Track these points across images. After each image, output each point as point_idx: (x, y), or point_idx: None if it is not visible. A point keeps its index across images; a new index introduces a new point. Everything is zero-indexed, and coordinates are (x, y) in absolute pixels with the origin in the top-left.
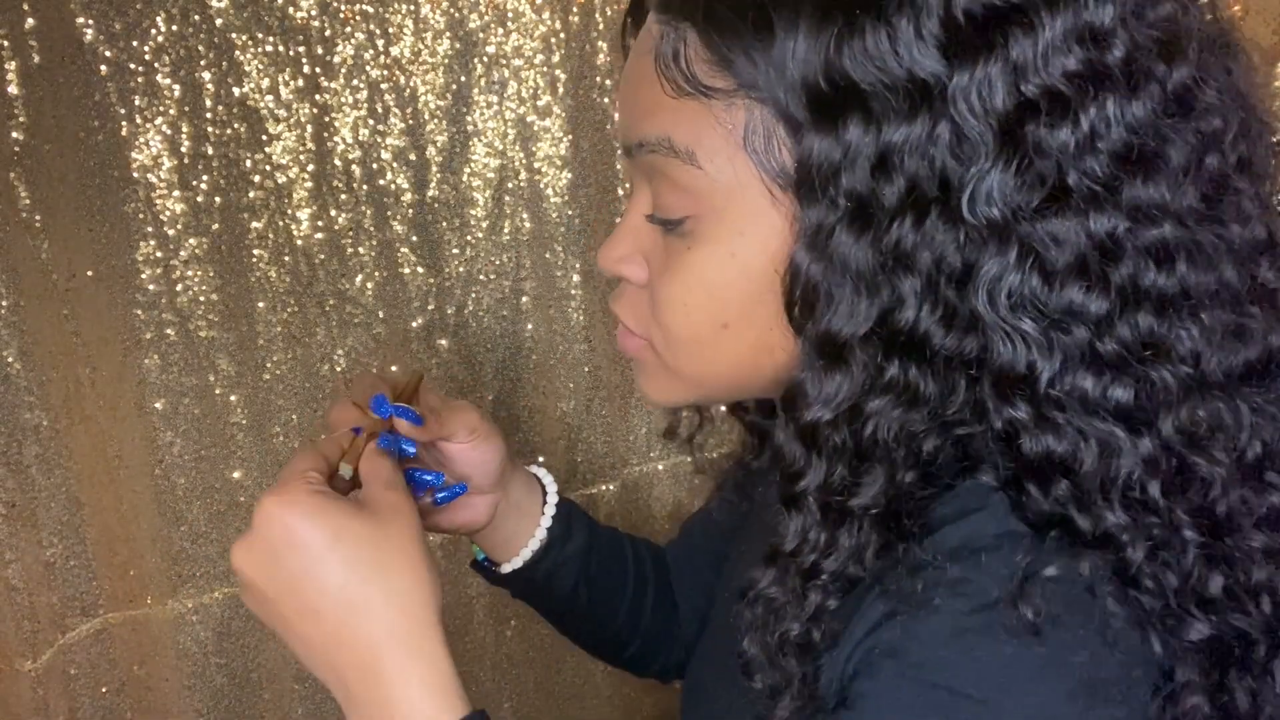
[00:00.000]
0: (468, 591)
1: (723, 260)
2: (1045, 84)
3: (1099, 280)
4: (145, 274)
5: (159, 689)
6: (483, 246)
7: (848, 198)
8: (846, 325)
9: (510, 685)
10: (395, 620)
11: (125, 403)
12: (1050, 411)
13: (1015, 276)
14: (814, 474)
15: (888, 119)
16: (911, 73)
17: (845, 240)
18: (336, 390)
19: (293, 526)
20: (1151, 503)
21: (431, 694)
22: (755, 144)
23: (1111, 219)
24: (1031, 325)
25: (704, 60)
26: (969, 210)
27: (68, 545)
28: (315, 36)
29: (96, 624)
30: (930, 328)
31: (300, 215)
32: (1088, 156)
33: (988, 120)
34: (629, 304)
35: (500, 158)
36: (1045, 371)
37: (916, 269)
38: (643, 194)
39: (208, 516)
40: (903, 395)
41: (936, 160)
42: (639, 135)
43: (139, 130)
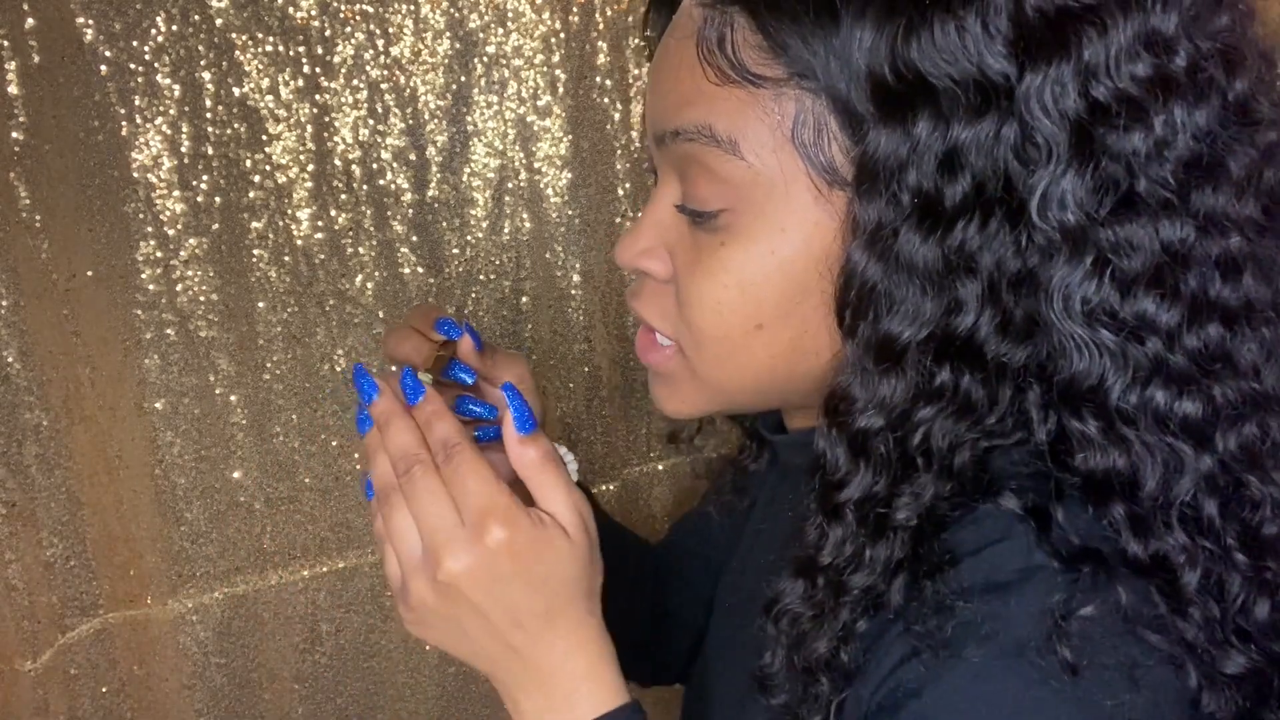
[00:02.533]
0: None
1: (761, 257)
2: (1117, 87)
3: (1171, 290)
4: (145, 274)
5: (159, 689)
6: (483, 246)
7: (914, 195)
8: (908, 328)
9: None
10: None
11: (125, 403)
12: (1120, 426)
13: (1091, 284)
14: (859, 483)
15: (956, 116)
16: (981, 70)
17: (910, 239)
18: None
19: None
20: (1207, 523)
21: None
22: (804, 136)
23: (1182, 227)
24: (1108, 335)
25: (754, 47)
26: (1039, 214)
27: (68, 545)
28: (315, 36)
29: (96, 624)
30: (988, 334)
31: (300, 215)
32: (1157, 162)
33: (1061, 122)
34: (651, 300)
35: (500, 158)
36: (1117, 384)
37: (978, 273)
38: (669, 185)
39: (208, 516)
40: (952, 403)
41: (1001, 161)
42: (676, 123)
43: (139, 130)
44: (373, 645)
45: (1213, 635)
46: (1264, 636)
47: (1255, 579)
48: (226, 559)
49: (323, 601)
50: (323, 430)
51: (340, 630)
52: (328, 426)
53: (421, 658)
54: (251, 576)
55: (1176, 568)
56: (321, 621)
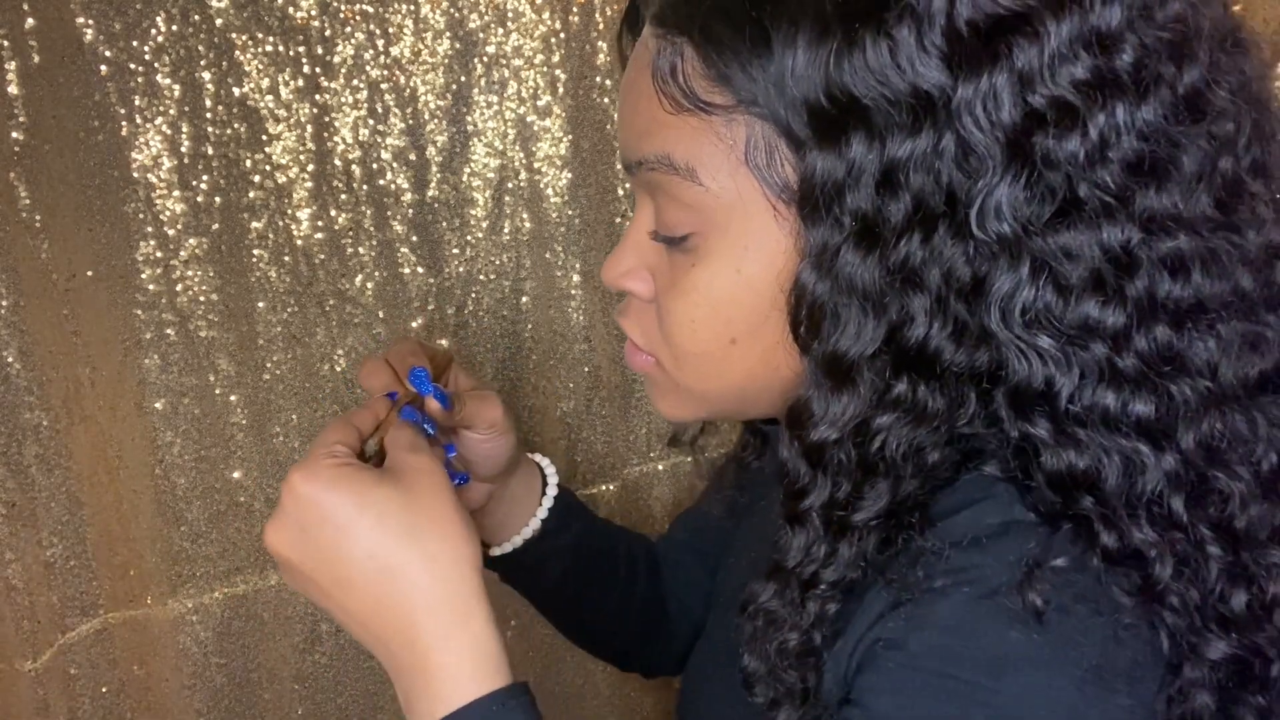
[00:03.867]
0: None
1: (729, 277)
2: (1052, 94)
3: (1115, 293)
4: (145, 274)
5: (159, 689)
6: (483, 246)
7: (853, 217)
8: (854, 346)
9: None
10: (431, 586)
11: (125, 403)
12: (1071, 428)
13: (1029, 292)
14: (819, 492)
15: (891, 134)
16: (915, 85)
17: (852, 260)
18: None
19: (317, 499)
20: (1176, 518)
21: (471, 663)
22: (758, 160)
23: (1125, 230)
24: (1048, 342)
25: (702, 76)
26: (978, 225)
27: (68, 545)
28: (315, 36)
29: (96, 624)
30: (940, 344)
31: (300, 215)
32: (1098, 167)
33: (994, 133)
34: (635, 319)
35: (500, 158)
36: (1065, 388)
37: (925, 286)
38: (645, 209)
39: (208, 516)
40: (910, 412)
41: (943, 174)
42: (639, 153)
43: (139, 130)
44: None
45: (1193, 623)
46: (1243, 625)
47: (1230, 570)
48: (226, 559)
49: None
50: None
51: (340, 630)
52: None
53: None
54: (251, 576)
55: (1149, 562)
56: (321, 621)
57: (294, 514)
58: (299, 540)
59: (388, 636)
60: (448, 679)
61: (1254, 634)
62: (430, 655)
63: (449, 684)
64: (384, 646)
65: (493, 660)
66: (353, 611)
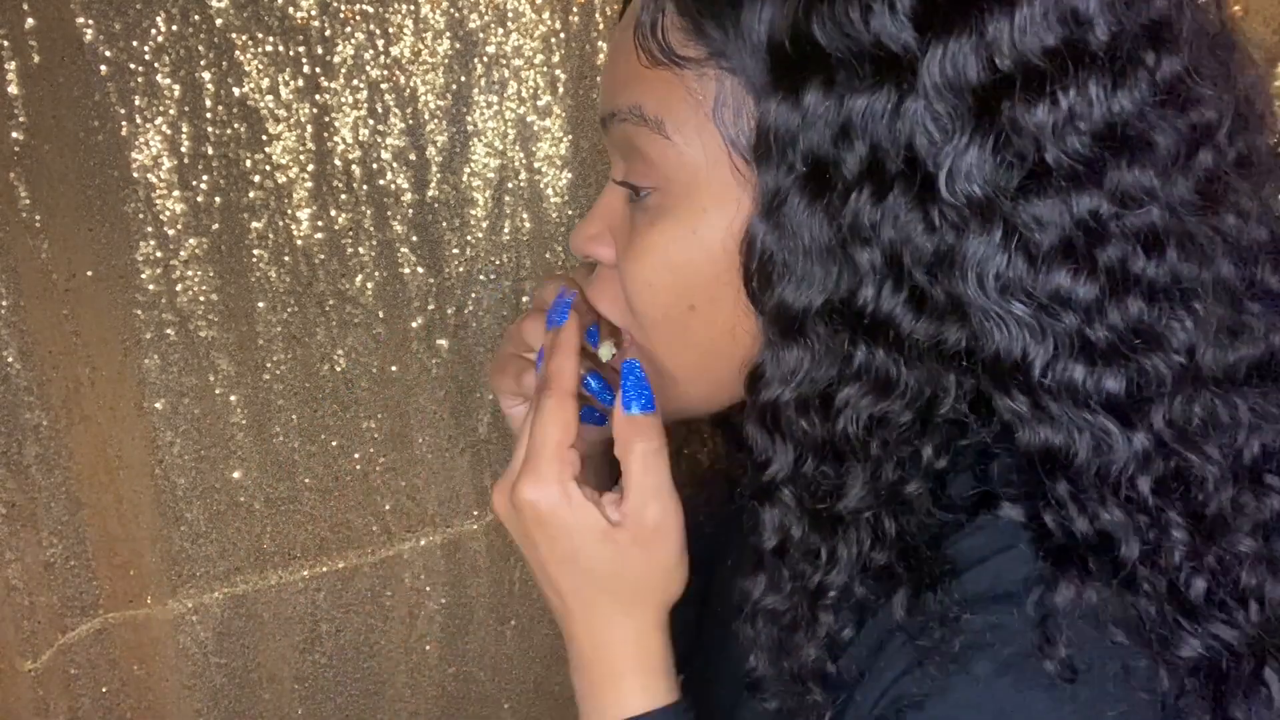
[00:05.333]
0: (468, 592)
1: (685, 238)
2: (1021, 59)
3: (1086, 263)
4: (145, 274)
5: (159, 689)
6: (483, 246)
7: (804, 161)
8: (800, 296)
9: (510, 685)
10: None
11: (125, 403)
12: (1045, 401)
13: (1001, 258)
14: (781, 460)
15: (851, 87)
16: (880, 41)
17: (798, 206)
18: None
19: (559, 516)
20: (1141, 500)
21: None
22: (724, 116)
23: (1094, 199)
24: (1022, 309)
25: (679, 29)
26: (948, 189)
27: (68, 545)
28: (315, 36)
29: (96, 624)
30: (895, 309)
31: (300, 215)
32: (1068, 135)
33: (961, 95)
34: (603, 290)
35: (500, 158)
36: (1039, 359)
37: (876, 245)
38: (617, 170)
39: (208, 516)
40: (872, 383)
41: (903, 135)
42: (613, 105)
43: (139, 130)
44: (373, 645)
45: (1161, 612)
46: (1206, 616)
47: (1193, 556)
48: (226, 559)
49: (322, 601)
50: (323, 430)
51: (340, 630)
52: (328, 426)
53: (421, 657)
54: (251, 576)
55: (1116, 543)
56: (321, 621)
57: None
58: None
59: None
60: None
61: (1219, 626)
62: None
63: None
64: (569, 631)
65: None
66: (562, 595)
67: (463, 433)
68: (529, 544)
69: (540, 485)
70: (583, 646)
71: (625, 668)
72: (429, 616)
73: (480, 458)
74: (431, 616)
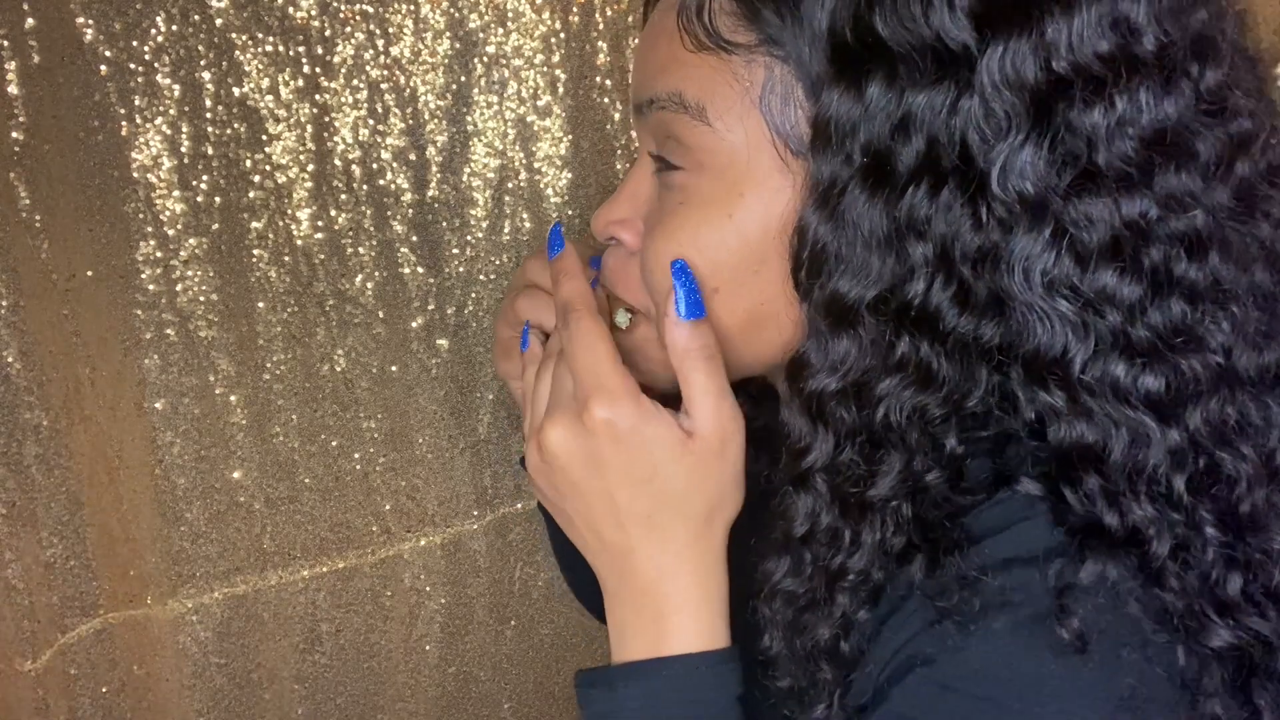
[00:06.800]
0: (467, 592)
1: (718, 221)
2: (1078, 62)
3: (1132, 264)
4: (145, 274)
5: (159, 689)
6: (483, 246)
7: (864, 153)
8: (855, 287)
9: (510, 685)
10: (695, 580)
11: (125, 403)
12: (1084, 398)
13: (1049, 256)
14: (820, 449)
15: (913, 82)
16: (941, 38)
17: (858, 198)
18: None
19: (639, 431)
20: (1175, 497)
21: (701, 620)
22: (771, 104)
23: (1143, 202)
24: (1067, 306)
25: (729, 14)
26: (999, 186)
27: (68, 545)
28: (315, 36)
29: (96, 624)
30: (942, 304)
31: (300, 215)
32: (1119, 139)
33: (1019, 94)
34: (616, 271)
35: (500, 158)
36: (1079, 356)
37: (929, 239)
38: (648, 156)
39: (208, 516)
40: (914, 375)
41: (958, 131)
42: (650, 92)
43: (139, 130)
44: (373, 645)
45: (1190, 607)
46: (1241, 611)
47: (1227, 554)
48: (226, 559)
49: (323, 601)
50: (323, 430)
51: (340, 630)
52: (328, 426)
53: (421, 658)
54: (251, 576)
55: (1147, 540)
56: (321, 621)
57: (608, 427)
58: (593, 454)
59: (624, 569)
60: (680, 631)
61: (1254, 620)
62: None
63: (680, 634)
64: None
65: (720, 621)
66: (601, 537)
67: (463, 433)
68: (596, 471)
69: (615, 401)
70: (642, 579)
71: (684, 600)
72: (429, 616)
73: (480, 458)
74: (431, 616)
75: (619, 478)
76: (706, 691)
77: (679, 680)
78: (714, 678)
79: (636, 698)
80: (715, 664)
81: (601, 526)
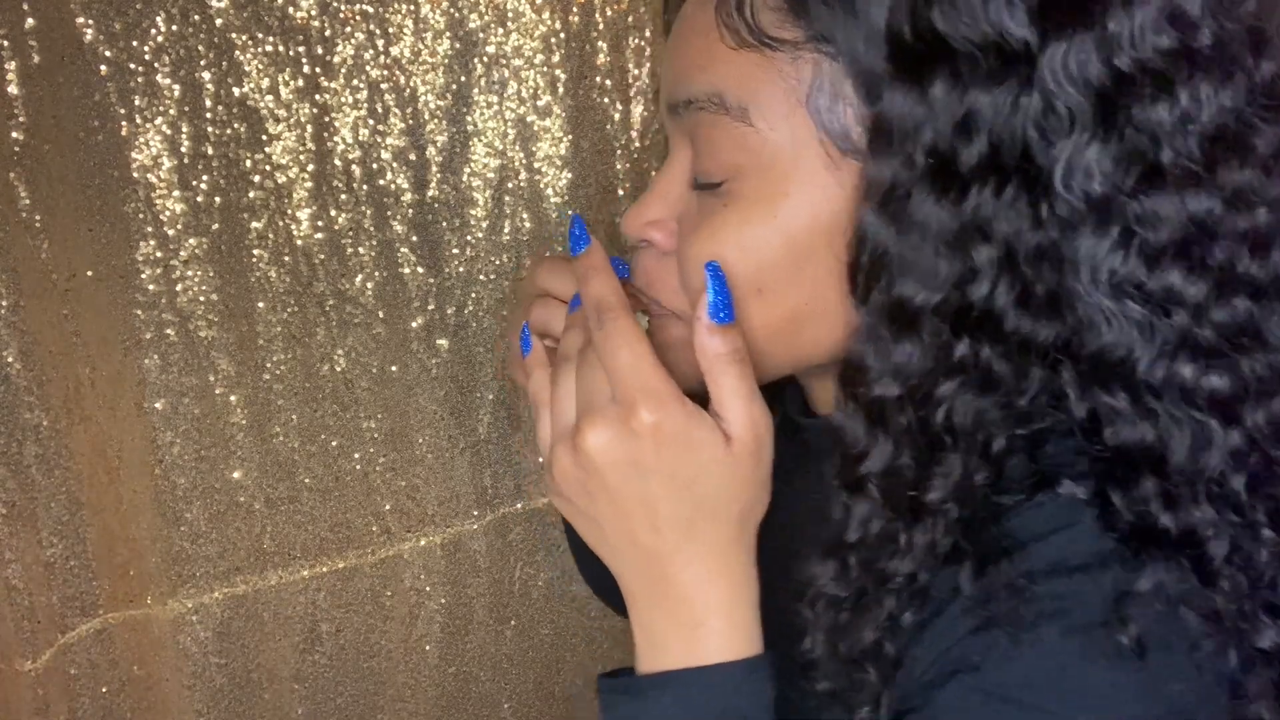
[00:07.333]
0: (467, 592)
1: (763, 220)
2: (1140, 57)
3: (1198, 263)
4: (145, 274)
5: (159, 689)
6: (483, 246)
7: (928, 155)
8: (921, 292)
9: (510, 685)
10: (728, 585)
11: (125, 403)
12: (1147, 398)
13: (1117, 256)
14: (878, 455)
15: (974, 79)
16: (1002, 35)
17: (924, 200)
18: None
19: (687, 434)
20: (1233, 497)
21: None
22: (819, 101)
23: (1208, 200)
24: (1134, 308)
25: (773, 9)
26: (1063, 185)
27: (68, 545)
28: (315, 36)
29: (96, 624)
30: (1005, 305)
31: (300, 215)
32: (1182, 135)
33: (1086, 91)
34: (649, 272)
35: (500, 158)
36: (1145, 356)
37: (994, 240)
38: (681, 156)
39: (208, 516)
40: (974, 378)
41: (1019, 130)
42: (687, 91)
43: (139, 130)
44: (373, 645)
45: (1242, 609)
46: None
47: (1278, 555)
48: (226, 559)
49: (323, 601)
50: (323, 430)
51: (340, 630)
52: (328, 426)
53: (421, 658)
54: (251, 576)
55: (1204, 541)
56: (321, 621)
57: (660, 427)
58: (640, 457)
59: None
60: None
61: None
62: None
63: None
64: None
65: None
66: (633, 543)
67: (463, 433)
68: (637, 475)
69: (663, 404)
70: (678, 585)
71: (720, 606)
72: (429, 616)
73: (480, 458)
74: (431, 616)
75: (662, 482)
76: (741, 699)
77: (714, 690)
78: (749, 685)
79: (669, 706)
80: (749, 671)
81: (638, 531)
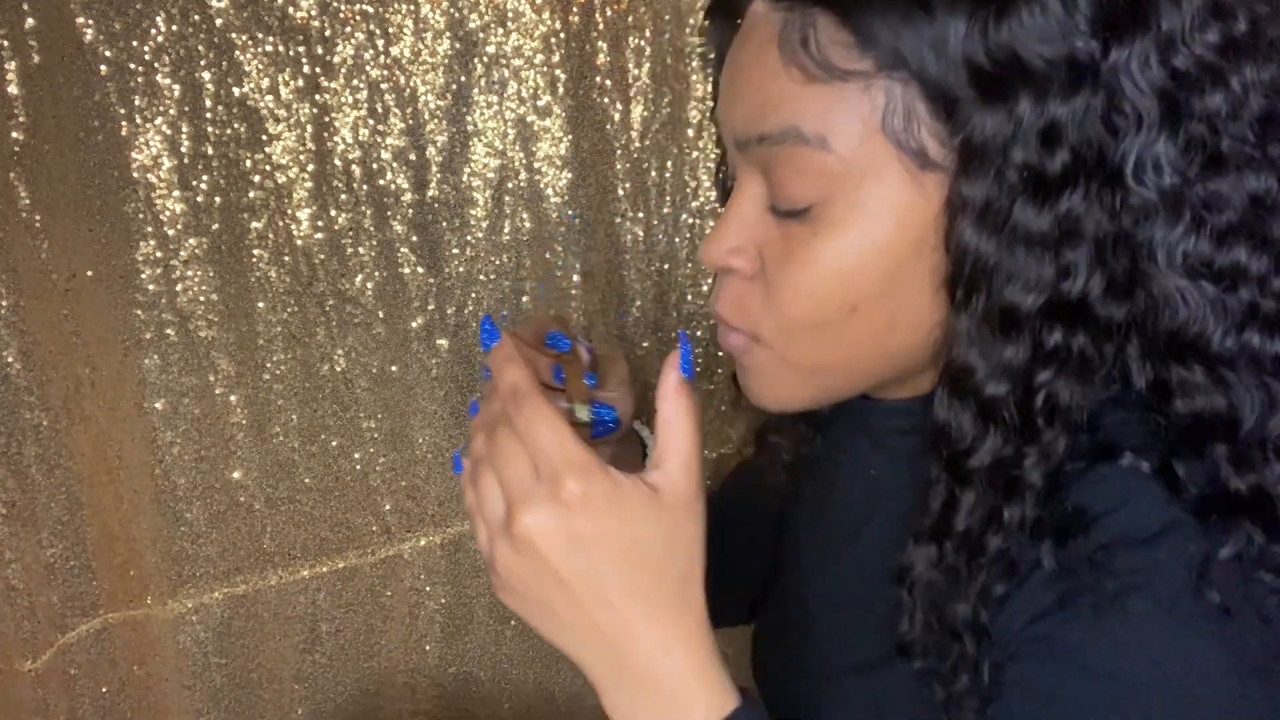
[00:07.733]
0: (467, 592)
1: (856, 243)
2: (1194, 52)
3: (1260, 239)
4: (145, 274)
5: (159, 689)
6: (483, 246)
7: (1020, 170)
8: (1028, 297)
9: (510, 685)
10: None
11: (125, 403)
12: (1221, 370)
13: (1190, 239)
14: (988, 449)
15: (1052, 93)
16: (1071, 48)
17: (1024, 212)
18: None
19: (614, 499)
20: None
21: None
22: (894, 124)
23: (1264, 179)
24: (1208, 286)
25: (840, 43)
26: (1135, 178)
27: (68, 545)
28: (315, 36)
29: (96, 624)
30: (1095, 296)
31: (300, 215)
32: (1236, 121)
33: (1151, 91)
34: (733, 299)
35: (500, 158)
36: (1218, 331)
37: (1084, 237)
38: (752, 185)
39: (208, 516)
40: (1070, 363)
41: (1095, 133)
42: (760, 128)
43: (139, 130)
44: (373, 645)
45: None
46: None
47: None
48: (226, 559)
49: (323, 601)
50: (323, 430)
51: (340, 630)
52: (328, 426)
53: (421, 658)
54: (251, 576)
55: (1276, 498)
56: (321, 621)
57: (585, 520)
58: (571, 550)
59: (615, 656)
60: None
61: None
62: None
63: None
64: (602, 659)
65: (724, 686)
66: (588, 627)
67: (463, 433)
68: (578, 551)
69: (587, 473)
70: (644, 658)
71: (690, 671)
72: (429, 616)
73: None
74: (431, 616)
75: (603, 551)
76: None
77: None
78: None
79: None
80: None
81: (589, 607)
